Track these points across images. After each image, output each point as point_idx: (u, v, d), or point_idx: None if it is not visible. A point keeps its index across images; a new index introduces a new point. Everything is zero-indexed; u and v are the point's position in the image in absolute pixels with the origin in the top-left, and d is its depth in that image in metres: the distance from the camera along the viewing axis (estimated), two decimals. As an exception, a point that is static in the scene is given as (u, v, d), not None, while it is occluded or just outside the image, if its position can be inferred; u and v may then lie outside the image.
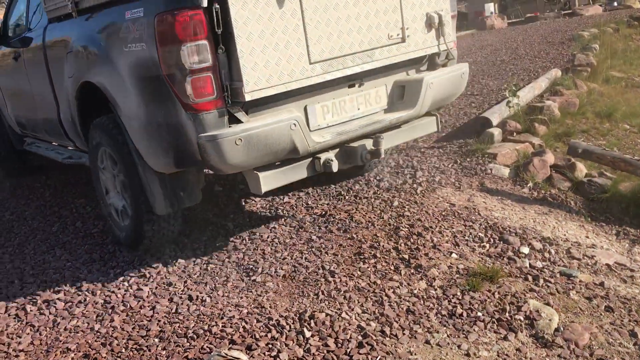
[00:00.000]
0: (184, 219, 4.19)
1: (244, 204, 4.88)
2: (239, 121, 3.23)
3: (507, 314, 3.14)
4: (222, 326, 3.06)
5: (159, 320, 3.18)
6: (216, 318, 3.15)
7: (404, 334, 2.95)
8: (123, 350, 2.97)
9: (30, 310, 3.43)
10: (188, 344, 2.96)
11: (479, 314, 3.13)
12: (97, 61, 3.73)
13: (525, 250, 3.88)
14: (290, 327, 3.02)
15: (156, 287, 3.57)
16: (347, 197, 4.78)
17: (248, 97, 3.14)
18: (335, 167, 3.63)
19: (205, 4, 2.96)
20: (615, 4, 22.03)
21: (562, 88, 7.73)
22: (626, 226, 4.54)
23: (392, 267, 3.61)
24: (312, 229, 4.23)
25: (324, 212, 4.50)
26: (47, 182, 6.53)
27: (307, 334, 2.93)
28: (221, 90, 3.14)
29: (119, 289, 3.60)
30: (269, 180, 3.46)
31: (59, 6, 4.25)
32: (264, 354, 2.80)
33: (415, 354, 2.81)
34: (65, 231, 4.79)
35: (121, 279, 3.74)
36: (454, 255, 3.77)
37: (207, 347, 2.91)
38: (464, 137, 6.14)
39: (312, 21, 3.33)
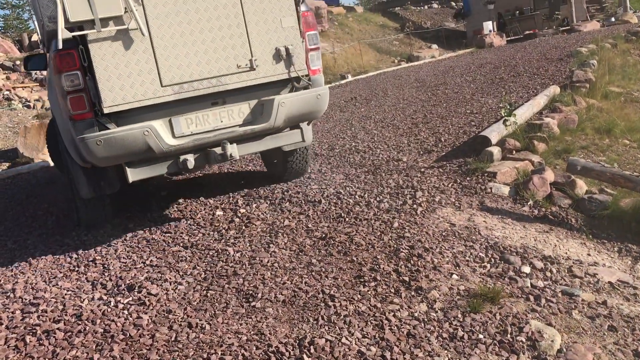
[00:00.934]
0: (112, 204, 5.45)
1: (244, 228, 4.88)
2: (107, 128, 4.32)
3: (508, 335, 3.11)
4: (222, 354, 3.04)
5: (158, 349, 3.16)
6: (215, 346, 3.13)
7: (404, 358, 2.93)
8: (122, 380, 2.95)
9: (30, 341, 3.41)
10: (187, 372, 2.94)
11: (480, 336, 3.11)
12: (48, 85, 5.16)
13: (527, 269, 3.86)
14: (289, 353, 2.99)
15: (156, 315, 3.56)
16: (347, 219, 4.78)
17: (107, 111, 4.28)
18: (190, 165, 4.62)
19: (60, 46, 4.08)
20: (613, 19, 22.19)
21: (561, 105, 7.75)
22: (628, 243, 4.51)
23: (393, 290, 3.59)
24: (312, 253, 4.22)
25: (324, 235, 4.49)
26: (49, 209, 6.56)
27: (307, 360, 2.91)
28: (92, 106, 4.29)
29: (119, 317, 3.58)
30: (135, 173, 4.59)
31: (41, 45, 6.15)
32: (264, 381, 2.78)
33: (416, 379, 2.79)
34: (67, 259, 4.79)
35: (121, 307, 3.73)
36: (454, 276, 3.75)
37: (206, 375, 2.89)
38: (463, 156, 6.15)
39: (162, 56, 4.39)
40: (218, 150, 4.66)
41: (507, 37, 22.69)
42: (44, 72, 5.03)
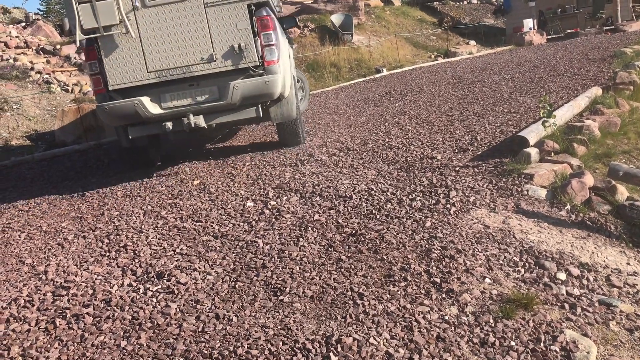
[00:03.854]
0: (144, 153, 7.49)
1: (274, 220, 4.86)
2: (114, 100, 6.32)
3: (542, 344, 3.02)
4: (248, 347, 3.03)
5: (185, 339, 3.16)
6: (242, 339, 3.11)
7: (433, 362, 2.86)
8: (148, 368, 2.95)
9: (60, 324, 3.45)
10: (213, 364, 2.93)
11: (512, 343, 3.02)
12: None
13: (562, 276, 3.75)
14: (316, 351, 2.96)
15: (184, 304, 3.57)
16: (378, 216, 4.71)
17: (111, 88, 6.36)
18: (169, 129, 6.43)
19: (78, 44, 6.37)
20: (660, 19, 21.46)
21: (602, 107, 7.51)
22: (670, 253, 4.33)
23: (423, 291, 3.52)
24: (342, 249, 4.17)
25: (354, 231, 4.44)
26: (83, 193, 6.65)
27: (334, 359, 2.87)
28: (105, 84, 6.37)
29: (147, 304, 3.60)
30: (133, 132, 6.60)
31: None
32: (289, 378, 2.75)
33: (444, 384, 2.72)
34: (98, 244, 4.85)
35: (150, 294, 3.74)
36: (487, 280, 3.66)
37: (232, 368, 2.87)
38: (499, 156, 6.01)
39: (148, 50, 6.33)
40: (185, 120, 6.35)
41: (548, 35, 22.17)
42: (83, 57, 8.83)
